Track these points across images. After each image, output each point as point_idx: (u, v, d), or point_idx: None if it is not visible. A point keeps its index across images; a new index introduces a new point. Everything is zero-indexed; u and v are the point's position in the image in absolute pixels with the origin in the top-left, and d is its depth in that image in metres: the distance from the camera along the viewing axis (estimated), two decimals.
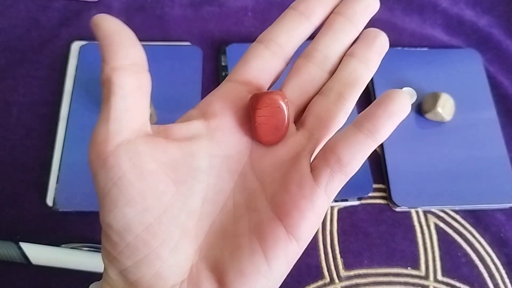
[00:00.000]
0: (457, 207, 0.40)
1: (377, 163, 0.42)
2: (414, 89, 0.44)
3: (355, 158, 0.20)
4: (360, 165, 0.20)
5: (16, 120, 0.42)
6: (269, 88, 0.24)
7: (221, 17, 0.48)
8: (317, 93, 0.23)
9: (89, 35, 0.46)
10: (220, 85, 0.23)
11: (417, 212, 0.40)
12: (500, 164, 0.41)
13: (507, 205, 0.40)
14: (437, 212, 0.40)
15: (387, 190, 0.41)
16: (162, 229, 0.19)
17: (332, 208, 0.40)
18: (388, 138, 0.41)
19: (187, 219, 0.20)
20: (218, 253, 0.20)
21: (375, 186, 0.41)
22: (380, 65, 0.45)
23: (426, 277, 0.38)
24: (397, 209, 0.40)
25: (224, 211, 0.21)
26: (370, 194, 0.41)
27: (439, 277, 0.38)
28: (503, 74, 0.47)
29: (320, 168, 0.20)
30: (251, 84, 0.23)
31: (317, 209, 0.20)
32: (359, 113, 0.44)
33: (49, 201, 0.38)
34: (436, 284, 0.37)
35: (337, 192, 0.20)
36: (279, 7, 0.49)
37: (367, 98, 0.45)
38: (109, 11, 0.47)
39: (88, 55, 0.44)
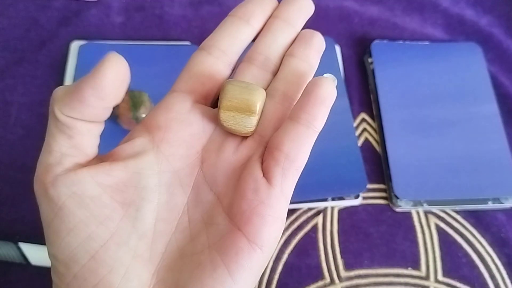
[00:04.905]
0: (457, 207, 0.40)
1: (377, 163, 0.42)
2: (415, 82, 0.44)
3: (302, 151, 0.20)
4: (307, 157, 0.20)
5: (15, 120, 0.41)
6: (216, 95, 0.23)
7: (220, 17, 0.48)
8: None
9: (89, 35, 0.46)
10: (164, 97, 0.22)
11: (417, 213, 0.40)
12: (502, 159, 0.41)
13: (508, 205, 0.40)
14: (437, 212, 0.40)
15: (387, 190, 0.40)
16: (110, 255, 0.18)
17: (332, 208, 0.40)
18: (390, 131, 0.41)
19: (138, 242, 0.19)
20: (176, 275, 0.19)
21: (375, 186, 0.41)
22: (381, 59, 0.45)
23: (426, 277, 0.38)
24: (398, 209, 0.40)
25: (179, 229, 0.20)
26: (371, 195, 0.40)
27: (440, 277, 0.38)
28: (504, 74, 0.47)
29: (271, 169, 0.20)
30: (196, 92, 0.22)
31: (277, 211, 0.19)
32: (352, 109, 0.44)
33: None
34: (436, 285, 0.37)
35: (293, 189, 0.20)
36: None
37: (367, 93, 0.45)
38: (108, 10, 0.47)
39: (88, 55, 0.44)
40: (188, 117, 0.21)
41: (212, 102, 0.23)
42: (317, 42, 0.24)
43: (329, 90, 0.20)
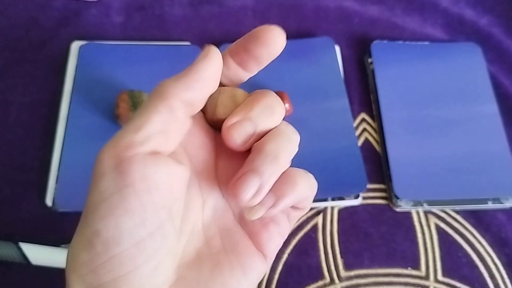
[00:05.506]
0: (457, 207, 0.40)
1: (377, 163, 0.42)
2: (415, 82, 0.44)
3: (309, 202, 0.21)
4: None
5: (15, 120, 0.41)
6: None
7: (221, 17, 0.48)
8: None
9: (89, 35, 0.46)
10: None
11: (417, 213, 0.40)
12: (502, 159, 0.41)
13: (508, 205, 0.40)
14: (437, 212, 0.40)
15: (387, 190, 0.40)
16: (152, 245, 0.18)
17: (332, 208, 0.40)
18: (390, 131, 0.41)
19: (173, 237, 0.19)
20: (196, 272, 0.20)
21: (375, 186, 0.41)
22: (381, 59, 0.45)
23: (426, 277, 0.38)
24: (398, 209, 0.40)
25: (195, 230, 0.21)
26: (371, 195, 0.40)
27: (440, 277, 0.38)
28: (504, 74, 0.47)
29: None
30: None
31: (282, 229, 0.21)
32: (353, 115, 0.44)
33: (49, 201, 0.38)
34: (436, 285, 0.37)
35: (296, 220, 0.22)
36: (279, 7, 0.49)
37: (367, 93, 0.45)
38: (108, 10, 0.47)
39: (88, 55, 0.44)
40: (205, 124, 0.22)
41: None
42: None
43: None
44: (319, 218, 0.39)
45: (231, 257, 0.20)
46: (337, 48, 0.47)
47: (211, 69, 0.20)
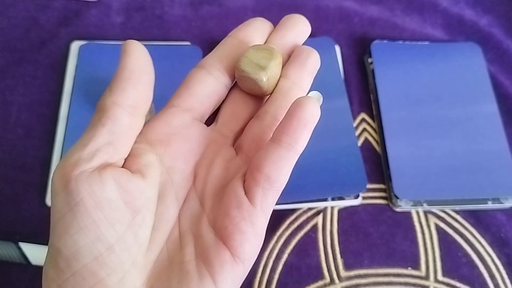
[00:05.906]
0: (457, 207, 0.40)
1: (377, 163, 0.42)
2: (415, 82, 0.44)
3: (282, 173, 0.20)
4: (288, 177, 0.21)
5: (16, 120, 0.41)
6: (211, 114, 0.24)
7: (221, 17, 0.48)
8: (252, 116, 0.24)
9: (89, 35, 0.46)
10: (163, 110, 0.23)
11: (417, 212, 0.40)
12: (502, 159, 0.41)
13: (508, 205, 0.40)
14: (437, 212, 0.40)
15: (387, 190, 0.41)
16: (112, 259, 0.18)
17: (332, 208, 0.40)
18: (390, 131, 0.41)
19: (138, 249, 0.20)
20: (165, 282, 0.20)
21: (375, 186, 0.41)
22: (381, 59, 0.45)
23: (426, 277, 0.38)
24: (398, 209, 0.40)
25: (170, 239, 0.21)
26: (371, 194, 0.41)
27: (440, 277, 0.38)
28: (504, 74, 0.47)
29: (252, 189, 0.20)
30: (194, 110, 0.23)
31: (257, 228, 0.20)
32: (353, 114, 0.44)
33: (49, 201, 0.38)
34: (436, 285, 0.37)
35: (272, 207, 0.21)
36: (279, 7, 0.49)
37: (367, 93, 0.45)
38: (109, 11, 0.47)
39: (88, 55, 0.44)
40: (187, 133, 0.22)
41: (208, 120, 0.24)
42: (312, 63, 0.24)
43: (312, 112, 0.20)
44: (319, 218, 0.39)
45: (201, 267, 0.20)
46: (337, 48, 0.47)
47: (136, 61, 0.20)
